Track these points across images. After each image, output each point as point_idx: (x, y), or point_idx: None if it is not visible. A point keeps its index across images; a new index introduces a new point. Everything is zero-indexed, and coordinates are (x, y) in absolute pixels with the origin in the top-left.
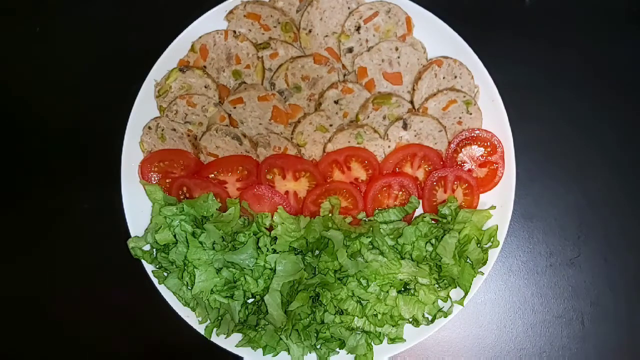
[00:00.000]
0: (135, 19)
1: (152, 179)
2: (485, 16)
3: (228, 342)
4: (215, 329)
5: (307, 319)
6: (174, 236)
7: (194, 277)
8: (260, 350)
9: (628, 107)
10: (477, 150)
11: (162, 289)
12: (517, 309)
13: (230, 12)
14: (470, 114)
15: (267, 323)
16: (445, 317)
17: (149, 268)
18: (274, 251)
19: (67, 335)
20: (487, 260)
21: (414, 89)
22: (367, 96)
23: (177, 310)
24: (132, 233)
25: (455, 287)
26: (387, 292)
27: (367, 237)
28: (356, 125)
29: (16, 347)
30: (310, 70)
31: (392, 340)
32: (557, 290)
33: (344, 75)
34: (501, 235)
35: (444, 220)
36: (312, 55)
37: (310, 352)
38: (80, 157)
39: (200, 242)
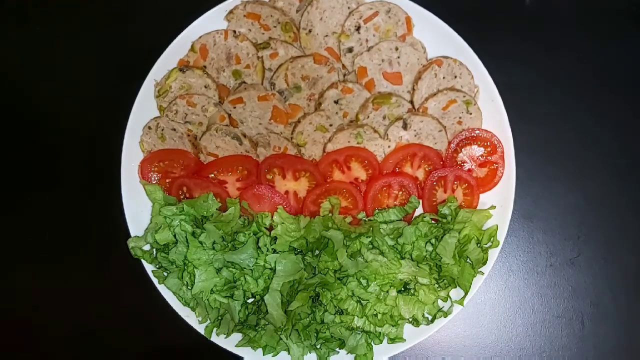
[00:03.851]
0: (135, 19)
1: (152, 178)
2: (485, 16)
3: (228, 342)
4: (215, 329)
5: (307, 319)
6: (174, 236)
7: (194, 277)
8: (260, 350)
9: (627, 107)
10: (477, 150)
11: (162, 288)
12: (517, 308)
13: (230, 12)
14: (470, 113)
15: (267, 323)
16: (445, 317)
17: (149, 268)
18: (274, 251)
19: (67, 334)
20: (487, 260)
21: (413, 89)
22: (367, 96)
23: (177, 310)
24: (132, 233)
25: (455, 287)
26: (387, 292)
27: (367, 237)
28: (356, 125)
29: (16, 347)
30: (310, 70)
31: (392, 340)
32: (557, 290)
33: (344, 75)
34: (501, 235)
35: (444, 220)
36: (312, 55)
37: (310, 352)
38: (80, 157)
39: (200, 242)
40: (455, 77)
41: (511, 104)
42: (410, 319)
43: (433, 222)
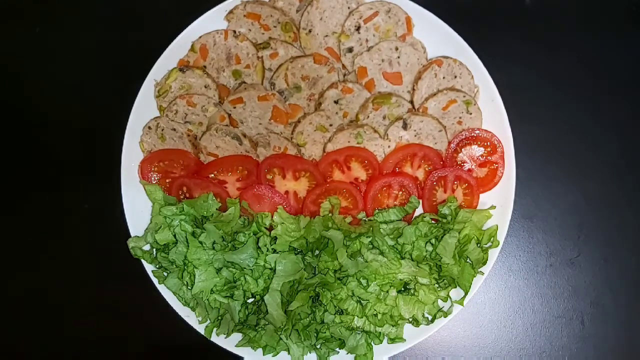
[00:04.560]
0: (135, 19)
1: (152, 178)
2: (485, 16)
3: (228, 342)
4: (215, 329)
5: (307, 319)
6: (174, 236)
7: (194, 277)
8: (260, 350)
9: (627, 107)
10: (477, 150)
11: (162, 288)
12: (517, 309)
13: (230, 12)
14: (470, 113)
15: (267, 323)
16: (445, 317)
17: (149, 268)
18: (274, 251)
19: (66, 334)
20: (487, 260)
21: (414, 89)
22: (367, 96)
23: (177, 310)
24: (132, 233)
25: (455, 287)
26: (387, 292)
27: (367, 237)
28: (356, 125)
29: (17, 346)
30: (310, 70)
31: (392, 340)
32: (557, 290)
33: (344, 75)
34: (501, 235)
35: (444, 220)
36: (312, 55)
37: (310, 352)
38: (80, 157)
39: (200, 242)
40: (455, 77)
41: (511, 104)
42: (410, 319)
43: (433, 222)
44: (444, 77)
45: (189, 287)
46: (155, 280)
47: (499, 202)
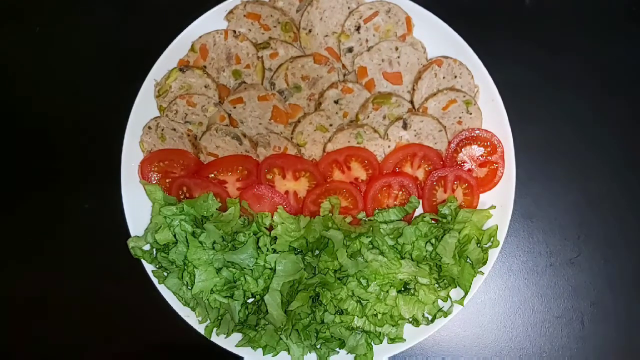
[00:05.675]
0: (135, 19)
1: (152, 178)
2: (485, 16)
3: (228, 342)
4: (215, 329)
5: (307, 319)
6: (174, 236)
7: (194, 277)
8: (260, 350)
9: (627, 107)
10: (477, 150)
11: (162, 288)
12: (517, 308)
13: (230, 11)
14: (470, 113)
15: (267, 323)
16: (445, 317)
17: (149, 268)
18: (274, 251)
19: (66, 334)
20: (487, 260)
21: (414, 89)
22: (367, 96)
23: (177, 310)
24: (132, 233)
25: (455, 287)
26: (387, 291)
27: (367, 237)
28: (356, 125)
29: (16, 346)
30: (310, 70)
31: (392, 340)
32: (557, 290)
33: (344, 75)
34: (501, 235)
35: (444, 220)
36: (312, 55)
37: (310, 352)
38: (81, 157)
39: (200, 242)
40: (455, 77)
41: (511, 104)
42: (410, 319)
43: (433, 222)
44: (444, 77)
45: (189, 287)
46: (155, 280)
47: (499, 202)
